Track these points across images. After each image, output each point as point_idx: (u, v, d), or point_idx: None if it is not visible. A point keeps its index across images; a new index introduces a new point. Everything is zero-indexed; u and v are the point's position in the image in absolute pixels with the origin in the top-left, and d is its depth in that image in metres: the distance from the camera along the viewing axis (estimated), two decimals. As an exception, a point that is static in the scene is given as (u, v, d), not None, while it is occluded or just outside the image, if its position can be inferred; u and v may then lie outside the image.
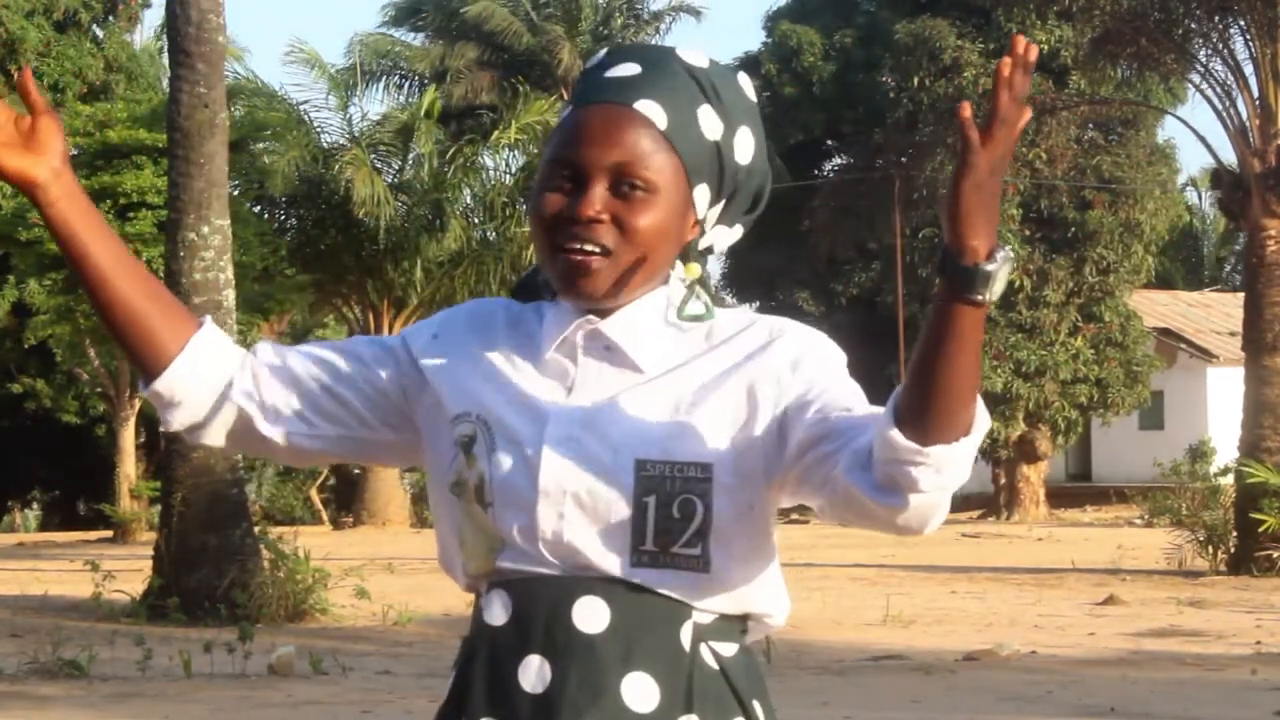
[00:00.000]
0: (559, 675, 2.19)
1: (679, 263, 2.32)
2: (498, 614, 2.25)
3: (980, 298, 2.06)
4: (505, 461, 2.24)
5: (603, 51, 2.34)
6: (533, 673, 2.21)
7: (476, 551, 2.26)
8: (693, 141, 2.26)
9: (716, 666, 2.23)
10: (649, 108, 2.24)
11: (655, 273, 2.27)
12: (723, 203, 2.31)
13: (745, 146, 2.31)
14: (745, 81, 2.35)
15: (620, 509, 2.20)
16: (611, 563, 2.21)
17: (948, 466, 2.10)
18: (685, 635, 2.22)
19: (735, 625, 2.27)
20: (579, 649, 2.19)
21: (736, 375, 2.26)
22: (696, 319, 2.27)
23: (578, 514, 2.21)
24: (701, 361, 2.27)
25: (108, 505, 36.62)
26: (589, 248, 2.22)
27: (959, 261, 2.08)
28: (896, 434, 2.09)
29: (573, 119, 2.26)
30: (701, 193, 2.28)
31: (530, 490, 2.22)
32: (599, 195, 2.22)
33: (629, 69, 2.27)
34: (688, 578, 2.21)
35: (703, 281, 2.30)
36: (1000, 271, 2.07)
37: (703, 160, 2.27)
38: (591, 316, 2.26)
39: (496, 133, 35.63)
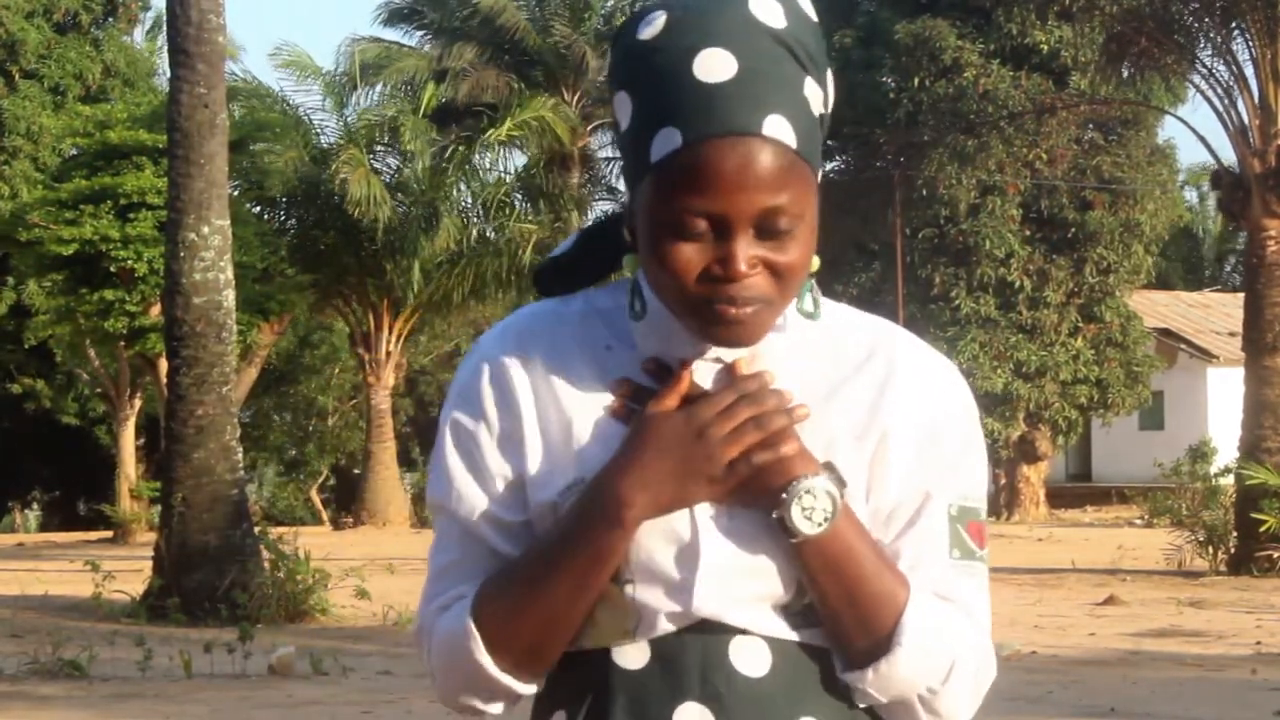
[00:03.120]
0: None
1: None
2: (632, 656, 1.93)
3: (795, 539, 1.89)
4: (648, 533, 1.90)
5: (658, 21, 1.90)
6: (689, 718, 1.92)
7: (609, 631, 1.93)
8: (814, 140, 1.96)
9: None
10: (779, 128, 1.88)
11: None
12: None
13: (830, 95, 2.01)
14: (808, 6, 2.04)
15: (781, 577, 1.92)
16: (765, 625, 1.94)
17: (887, 686, 1.94)
18: (841, 683, 1.96)
19: None
20: (743, 694, 1.91)
21: (878, 417, 1.98)
22: (809, 316, 1.98)
23: (741, 589, 1.92)
24: (851, 389, 1.97)
25: (108, 506, 36.63)
26: (749, 308, 1.88)
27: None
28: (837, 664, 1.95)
29: (697, 159, 1.85)
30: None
31: (686, 569, 1.91)
32: (749, 246, 1.88)
33: (724, 65, 1.87)
34: None
35: (816, 273, 2.01)
36: (799, 501, 1.88)
37: (818, 147, 1.99)
38: (719, 353, 1.94)
39: (492, 130, 35.61)
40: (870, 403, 1.97)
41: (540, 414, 1.95)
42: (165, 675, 12.94)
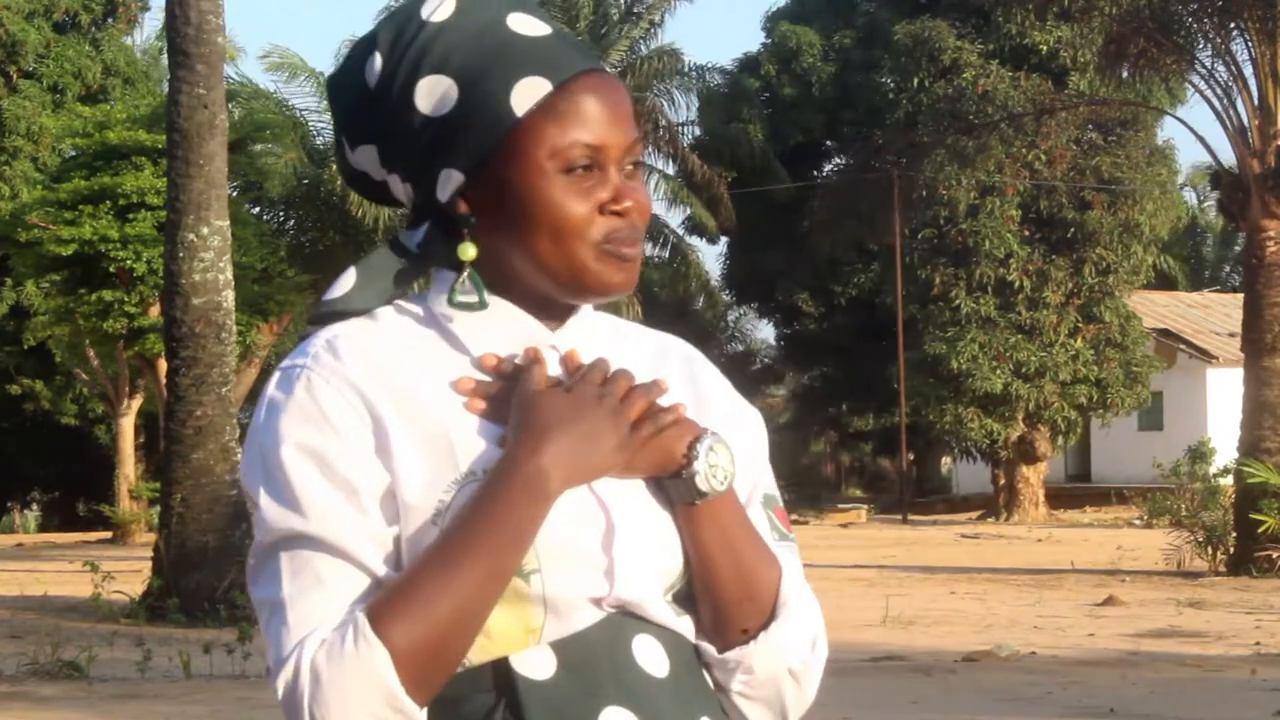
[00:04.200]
0: None
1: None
2: (537, 665, 1.83)
3: (698, 501, 1.88)
4: (556, 514, 1.83)
5: (446, 4, 1.90)
6: None
7: (507, 635, 1.83)
8: None
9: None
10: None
11: None
12: None
13: None
14: None
15: (675, 551, 1.90)
16: (657, 610, 1.89)
17: (767, 660, 1.92)
18: (713, 677, 1.94)
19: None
20: (656, 695, 1.86)
21: (704, 406, 1.98)
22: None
23: (648, 569, 1.88)
24: (667, 379, 1.95)
25: (107, 506, 36.64)
26: (637, 247, 1.90)
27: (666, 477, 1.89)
28: (703, 645, 1.91)
29: (575, 95, 1.86)
30: None
31: (605, 548, 1.86)
32: (623, 181, 1.89)
33: (537, 25, 1.90)
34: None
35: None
36: (707, 458, 1.87)
37: None
38: (545, 331, 1.92)
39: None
40: (690, 394, 1.97)
41: (401, 419, 1.84)
42: (164, 676, 12.94)
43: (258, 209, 35.14)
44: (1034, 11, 27.33)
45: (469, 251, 1.89)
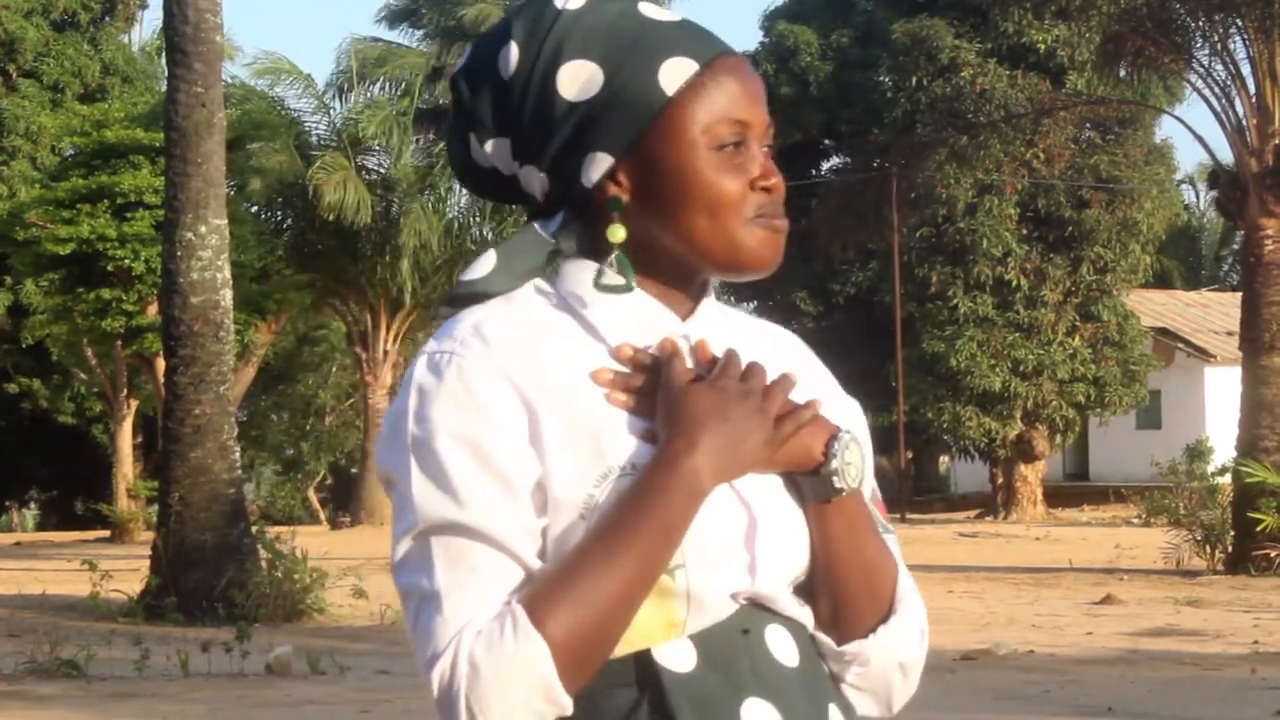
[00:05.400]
0: (790, 718, 1.86)
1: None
2: (679, 658, 1.84)
3: (832, 499, 1.90)
4: (702, 509, 1.84)
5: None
6: (759, 719, 1.85)
7: (652, 628, 1.83)
8: None
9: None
10: None
11: None
12: None
13: None
14: None
15: (804, 545, 1.92)
16: (787, 602, 1.91)
17: (883, 654, 1.94)
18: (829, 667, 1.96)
19: None
20: (790, 685, 1.87)
21: (826, 398, 1.98)
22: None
23: (783, 564, 1.90)
24: (789, 370, 1.96)
25: (105, 505, 36.64)
26: (782, 219, 1.92)
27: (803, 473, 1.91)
28: (820, 635, 1.93)
29: (720, 74, 1.89)
30: None
31: (748, 544, 1.87)
32: (765, 158, 1.92)
33: (667, 12, 1.95)
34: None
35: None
36: (843, 456, 1.89)
37: None
38: (677, 321, 1.92)
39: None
40: (809, 387, 1.97)
41: (549, 409, 1.83)
42: (163, 674, 12.94)
43: (255, 208, 35.12)
44: (1032, 10, 27.36)
45: (618, 234, 1.89)
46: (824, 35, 45.35)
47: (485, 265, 1.92)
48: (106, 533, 35.59)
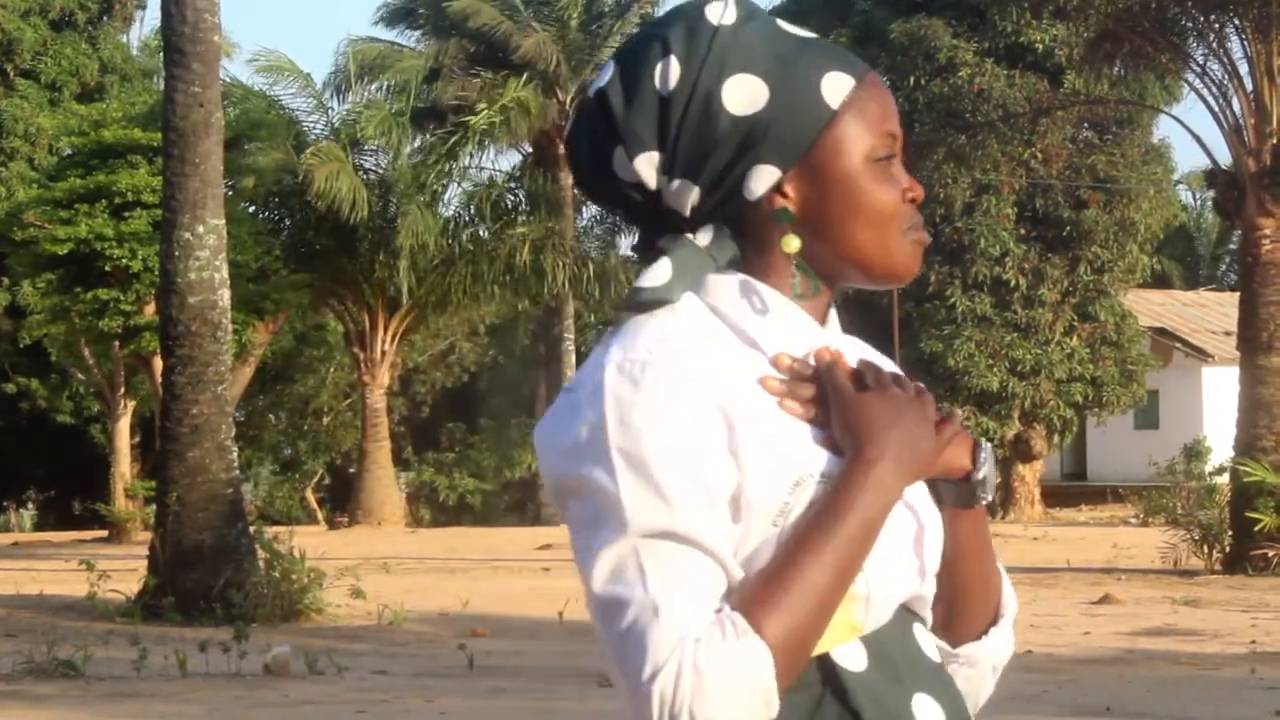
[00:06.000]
0: (949, 711, 1.93)
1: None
2: (853, 658, 1.88)
3: (974, 506, 1.98)
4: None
5: (730, 4, 1.94)
6: (929, 713, 1.91)
7: (834, 629, 1.87)
8: None
9: None
10: None
11: None
12: None
13: None
14: None
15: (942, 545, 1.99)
16: (927, 604, 1.99)
17: (989, 656, 2.05)
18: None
19: None
20: (942, 681, 1.96)
21: None
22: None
23: (937, 561, 1.98)
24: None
25: (103, 505, 36.62)
26: (924, 232, 1.98)
27: (953, 481, 1.98)
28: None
29: (873, 89, 1.95)
30: None
31: (917, 547, 1.93)
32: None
33: (805, 30, 2.00)
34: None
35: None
36: (986, 466, 1.97)
37: None
38: (818, 329, 1.97)
39: (474, 119, 35.56)
40: None
41: (742, 417, 1.85)
42: (160, 675, 12.94)
43: (253, 208, 35.11)
44: (1029, 10, 27.36)
45: (793, 244, 1.92)
46: (822, 34, 45.29)
47: (663, 273, 1.92)
48: (104, 533, 35.56)
